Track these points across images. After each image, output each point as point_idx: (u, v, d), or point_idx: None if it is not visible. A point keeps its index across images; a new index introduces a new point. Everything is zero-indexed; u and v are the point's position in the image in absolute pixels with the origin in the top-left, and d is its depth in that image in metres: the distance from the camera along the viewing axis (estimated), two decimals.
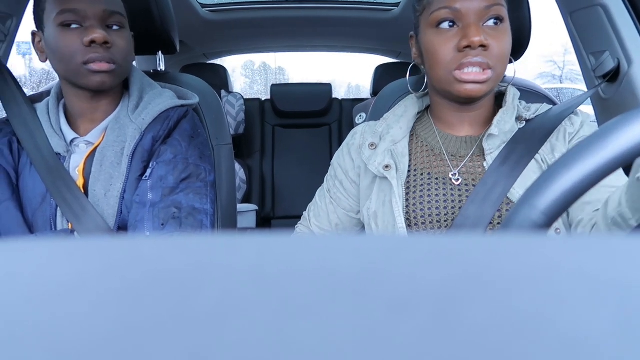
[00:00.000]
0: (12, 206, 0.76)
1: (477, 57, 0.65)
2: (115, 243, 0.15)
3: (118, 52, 0.77)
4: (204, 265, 0.13)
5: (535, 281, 0.12)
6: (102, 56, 0.75)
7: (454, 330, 0.10)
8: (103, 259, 0.14)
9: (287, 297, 0.12)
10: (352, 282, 0.12)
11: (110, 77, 0.77)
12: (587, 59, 1.01)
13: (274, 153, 2.40)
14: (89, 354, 0.10)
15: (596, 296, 0.12)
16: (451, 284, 0.12)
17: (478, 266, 0.13)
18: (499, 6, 0.67)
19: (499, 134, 0.71)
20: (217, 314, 0.11)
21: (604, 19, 0.93)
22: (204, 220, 0.78)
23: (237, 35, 2.21)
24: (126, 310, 0.11)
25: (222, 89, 2.29)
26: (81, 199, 0.76)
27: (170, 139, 0.82)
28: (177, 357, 0.09)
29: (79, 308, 0.11)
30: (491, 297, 0.12)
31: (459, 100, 0.72)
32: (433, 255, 0.14)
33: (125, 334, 0.10)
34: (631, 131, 0.28)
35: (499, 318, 0.11)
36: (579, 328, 0.10)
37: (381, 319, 0.11)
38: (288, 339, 0.10)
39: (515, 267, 0.13)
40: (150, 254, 0.14)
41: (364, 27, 2.11)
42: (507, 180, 0.65)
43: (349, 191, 0.81)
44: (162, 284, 0.12)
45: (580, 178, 0.29)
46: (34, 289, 0.12)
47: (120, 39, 0.78)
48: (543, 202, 0.30)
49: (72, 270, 0.13)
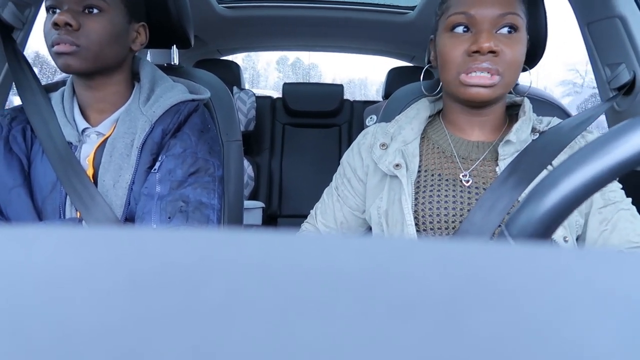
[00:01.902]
0: (23, 192, 0.77)
1: (485, 62, 0.66)
2: (122, 234, 0.16)
3: (84, 35, 0.75)
4: (208, 259, 0.14)
5: (540, 291, 0.12)
6: (62, 38, 0.74)
7: (456, 337, 0.10)
8: (109, 249, 0.14)
9: (289, 296, 0.12)
10: (355, 283, 0.12)
11: (74, 59, 0.75)
12: (603, 70, 1.00)
13: (283, 151, 2.40)
14: (92, 343, 0.10)
15: (601, 308, 0.12)
16: (455, 291, 0.12)
17: (483, 274, 0.13)
18: (514, 15, 0.68)
19: (516, 141, 0.72)
20: (219, 308, 0.11)
21: (621, 31, 0.92)
22: (210, 215, 0.79)
23: (251, 33, 2.21)
24: (129, 300, 0.11)
25: (234, 85, 2.30)
26: (90, 188, 0.76)
27: (180, 133, 0.82)
28: (180, 349, 0.10)
29: (84, 296, 0.11)
30: (494, 306, 0.11)
31: (467, 103, 0.73)
32: (438, 261, 0.14)
33: (128, 325, 0.10)
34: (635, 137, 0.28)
35: (502, 327, 0.11)
36: (583, 340, 0.10)
37: (383, 322, 0.11)
38: (289, 337, 0.10)
39: (519, 276, 0.13)
40: (155, 246, 0.15)
41: (378, 29, 2.10)
42: (514, 190, 0.65)
43: (356, 189, 0.82)
44: (166, 277, 0.12)
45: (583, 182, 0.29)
46: (39, 276, 0.13)
47: (94, 23, 0.76)
48: (545, 205, 0.29)
49: (79, 259, 0.13)
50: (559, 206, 0.29)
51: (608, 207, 0.68)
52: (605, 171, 0.28)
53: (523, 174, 0.66)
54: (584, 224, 0.69)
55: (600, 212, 0.68)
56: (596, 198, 0.69)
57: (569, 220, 0.67)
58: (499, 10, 0.67)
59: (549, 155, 0.68)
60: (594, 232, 0.68)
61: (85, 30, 0.75)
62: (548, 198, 0.30)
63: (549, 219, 0.30)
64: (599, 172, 0.29)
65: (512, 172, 0.67)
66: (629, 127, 0.29)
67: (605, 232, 0.67)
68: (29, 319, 0.10)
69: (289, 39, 2.42)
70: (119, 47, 0.81)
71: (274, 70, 25.34)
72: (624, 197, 0.70)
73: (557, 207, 0.29)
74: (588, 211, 0.69)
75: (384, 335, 0.10)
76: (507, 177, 0.67)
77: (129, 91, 0.86)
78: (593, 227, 0.68)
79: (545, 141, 0.70)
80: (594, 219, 0.68)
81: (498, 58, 0.66)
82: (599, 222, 0.68)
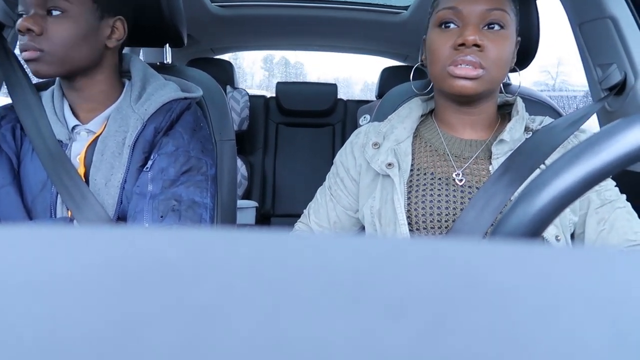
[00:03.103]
0: (12, 191, 0.76)
1: (470, 55, 0.67)
2: (114, 233, 0.15)
3: (47, 39, 0.73)
4: (201, 258, 0.13)
5: (531, 290, 0.12)
6: (27, 44, 0.73)
7: (448, 336, 0.10)
8: (101, 248, 0.14)
9: (282, 295, 0.12)
10: (347, 282, 0.12)
11: (41, 64, 0.74)
12: (594, 70, 1.01)
13: (277, 151, 2.40)
14: (84, 343, 0.10)
15: (592, 308, 0.12)
16: (447, 290, 0.12)
17: (475, 273, 0.13)
18: (501, 12, 0.69)
19: (509, 140, 0.72)
20: (212, 307, 0.11)
21: (612, 32, 0.93)
22: (203, 214, 0.78)
23: (245, 31, 2.21)
24: (122, 300, 0.11)
25: (227, 84, 2.29)
26: (82, 187, 0.76)
27: (173, 132, 0.81)
28: (171, 348, 0.09)
29: (75, 297, 0.11)
30: (486, 304, 0.11)
31: (455, 98, 0.74)
32: (429, 260, 0.14)
33: (120, 324, 0.10)
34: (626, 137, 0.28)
35: (493, 325, 0.11)
36: (574, 338, 0.10)
37: (375, 321, 0.11)
38: (281, 336, 0.10)
39: (511, 275, 0.13)
40: (148, 245, 0.14)
41: (372, 29, 2.11)
42: (506, 190, 0.66)
43: (349, 189, 0.82)
44: (159, 276, 0.12)
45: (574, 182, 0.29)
46: (30, 276, 0.12)
47: (56, 26, 0.74)
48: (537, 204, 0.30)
49: (70, 258, 0.13)
50: (550, 205, 0.30)
51: (605, 207, 0.68)
52: (596, 171, 0.29)
53: (516, 173, 0.67)
54: (582, 224, 0.70)
55: (597, 212, 0.68)
56: (593, 198, 0.69)
57: (562, 219, 0.68)
58: (486, 5, 0.68)
59: (542, 154, 0.68)
60: (593, 232, 0.68)
61: (49, 35, 0.73)
62: (539, 198, 0.30)
63: (540, 219, 0.30)
64: (590, 171, 0.29)
65: (505, 171, 0.68)
66: (620, 127, 0.29)
67: (603, 231, 0.67)
68: (19, 320, 0.10)
69: (282, 38, 2.41)
70: (89, 47, 0.77)
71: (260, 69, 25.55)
72: (619, 195, 0.70)
73: (548, 206, 0.30)
74: (585, 212, 0.69)
75: (377, 334, 0.10)
76: (500, 176, 0.68)
77: (117, 89, 0.85)
78: (591, 228, 0.69)
79: (538, 140, 0.71)
80: (592, 219, 0.69)
81: (482, 53, 0.67)
82: (596, 222, 0.68)
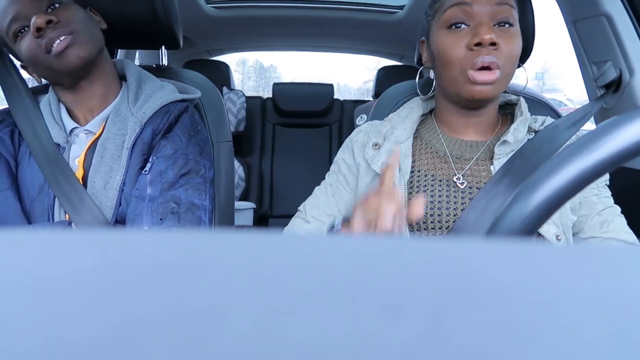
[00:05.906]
0: (10, 195, 0.76)
1: (487, 55, 0.65)
2: (113, 236, 0.15)
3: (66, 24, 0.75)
4: (200, 261, 0.13)
5: (530, 288, 0.12)
6: (53, 35, 0.73)
7: (447, 336, 0.10)
8: (100, 252, 0.14)
9: (281, 296, 0.12)
10: (346, 282, 0.12)
11: (78, 47, 0.75)
12: (590, 68, 1.01)
13: (274, 152, 2.40)
14: (83, 347, 0.10)
15: (591, 306, 0.12)
16: (446, 289, 0.12)
17: (473, 272, 0.13)
18: (509, 7, 0.67)
19: (513, 141, 0.72)
20: (211, 309, 0.11)
21: (607, 29, 0.93)
22: (202, 216, 0.78)
23: (240, 33, 2.21)
24: (121, 303, 0.11)
25: (223, 85, 2.29)
26: (79, 190, 0.76)
27: (171, 134, 0.81)
28: (171, 351, 0.09)
29: (74, 300, 0.11)
30: (484, 303, 0.12)
31: (468, 103, 0.72)
32: (428, 259, 0.14)
33: (119, 328, 0.10)
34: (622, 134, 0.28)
35: (491, 324, 0.11)
36: (573, 337, 0.10)
37: (374, 321, 0.11)
38: (280, 337, 0.10)
39: (510, 274, 0.13)
40: (147, 248, 0.14)
41: (368, 28, 2.11)
42: (507, 191, 0.65)
43: (351, 185, 0.81)
44: (158, 279, 0.12)
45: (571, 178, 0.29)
46: (28, 280, 0.12)
47: (67, 12, 0.76)
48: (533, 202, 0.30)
49: (68, 262, 0.13)
50: (546, 203, 0.30)
51: (607, 210, 0.69)
52: (592, 168, 0.29)
53: (517, 174, 0.66)
54: (582, 225, 0.70)
55: (601, 215, 0.68)
56: (595, 201, 0.69)
57: (562, 219, 0.68)
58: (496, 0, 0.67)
59: (544, 155, 0.68)
60: (597, 234, 0.68)
61: (65, 21, 0.75)
62: (535, 195, 0.30)
63: (537, 216, 0.30)
64: (585, 169, 0.29)
65: (506, 172, 0.67)
66: (615, 124, 0.29)
67: (606, 233, 0.68)
68: (18, 324, 0.10)
69: (278, 38, 2.41)
70: (97, 27, 0.83)
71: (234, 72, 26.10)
72: (610, 196, 0.71)
73: (544, 204, 0.30)
74: (588, 213, 0.69)
75: (375, 333, 0.10)
76: (501, 178, 0.67)
77: (114, 90, 0.85)
78: (594, 229, 0.68)
79: (540, 141, 0.70)
80: (594, 220, 0.69)
81: (497, 52, 0.66)
82: (599, 224, 0.68)
